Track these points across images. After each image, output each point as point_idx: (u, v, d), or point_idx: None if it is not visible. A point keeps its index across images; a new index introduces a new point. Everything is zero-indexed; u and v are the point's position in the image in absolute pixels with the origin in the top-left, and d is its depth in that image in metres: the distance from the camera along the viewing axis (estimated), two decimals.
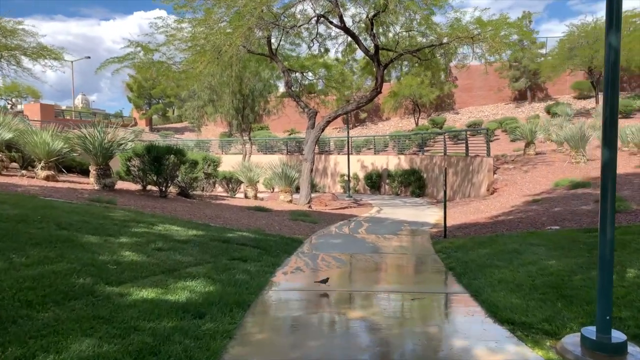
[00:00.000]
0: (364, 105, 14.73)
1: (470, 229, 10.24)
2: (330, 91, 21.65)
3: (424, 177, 21.72)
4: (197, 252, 6.70)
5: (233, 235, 8.27)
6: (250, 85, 21.57)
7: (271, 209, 13.37)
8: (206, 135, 39.71)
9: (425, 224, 11.89)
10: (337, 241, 9.14)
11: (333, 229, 10.91)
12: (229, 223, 10.07)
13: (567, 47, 25.83)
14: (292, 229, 10.42)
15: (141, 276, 5.22)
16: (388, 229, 11.05)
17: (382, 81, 14.26)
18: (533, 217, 10.22)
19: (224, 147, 32.50)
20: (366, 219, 13.07)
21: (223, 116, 22.70)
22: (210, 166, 15.60)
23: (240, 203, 14.26)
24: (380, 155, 25.12)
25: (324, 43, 16.97)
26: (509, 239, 7.92)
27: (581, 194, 12.02)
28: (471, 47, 15.29)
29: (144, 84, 40.83)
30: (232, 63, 17.55)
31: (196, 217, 10.09)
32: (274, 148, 30.42)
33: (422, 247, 8.43)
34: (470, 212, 13.30)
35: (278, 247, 7.85)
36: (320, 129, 14.65)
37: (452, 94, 37.23)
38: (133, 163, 12.85)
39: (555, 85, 33.76)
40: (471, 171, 18.33)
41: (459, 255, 7.06)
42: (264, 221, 10.98)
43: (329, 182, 26.37)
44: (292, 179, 16.12)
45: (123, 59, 16.48)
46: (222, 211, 11.77)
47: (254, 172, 16.58)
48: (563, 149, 19.08)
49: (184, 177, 13.32)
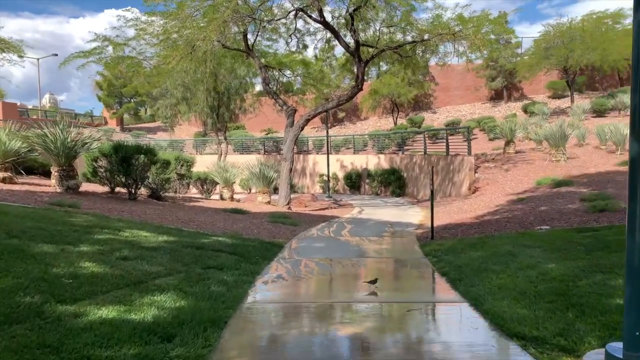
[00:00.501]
0: (345, 102, 14.29)
1: (456, 229, 9.88)
2: (308, 90, 21.14)
3: (404, 177, 21.44)
4: (167, 260, 6.09)
5: (208, 241, 7.66)
6: (226, 82, 20.84)
7: (249, 211, 12.77)
8: (180, 135, 38.63)
9: (409, 225, 11.50)
10: (319, 245, 8.63)
11: (314, 231, 10.40)
12: (204, 227, 9.44)
13: (543, 47, 26.03)
14: (271, 232, 9.86)
15: (101, 291, 4.61)
16: (372, 230, 10.60)
17: (363, 78, 13.84)
18: (520, 217, 9.93)
19: (199, 147, 31.58)
20: (348, 220, 12.60)
21: (197, 115, 21.89)
22: (184, 166, 14.87)
23: (215, 205, 13.60)
24: (360, 154, 24.75)
25: (302, 39, 16.46)
26: (500, 240, 7.56)
27: (565, 193, 11.84)
28: (452, 44, 15.01)
29: (115, 82, 39.39)
30: (207, 59, 16.86)
31: (168, 221, 9.42)
32: (250, 148, 29.71)
33: (410, 250, 8.00)
34: (454, 211, 13.00)
35: (257, 252, 7.29)
36: (300, 127, 14.12)
37: (430, 94, 37.24)
38: (100, 164, 12.06)
39: (530, 85, 34.09)
40: (452, 170, 18.11)
41: (450, 259, 6.64)
42: (241, 224, 10.38)
43: (308, 182, 25.85)
44: (271, 179, 15.53)
45: (89, 53, 15.59)
46: (196, 214, 11.11)
47: (230, 173, 15.92)
48: (542, 147, 19.06)
49: (155, 178, 12.59)
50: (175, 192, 14.92)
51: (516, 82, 34.40)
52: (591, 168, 14.79)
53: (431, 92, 36.67)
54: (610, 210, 8.77)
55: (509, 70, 33.24)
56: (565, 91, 32.67)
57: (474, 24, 14.43)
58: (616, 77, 32.96)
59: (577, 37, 24.48)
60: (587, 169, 14.77)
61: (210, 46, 14.96)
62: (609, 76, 33.62)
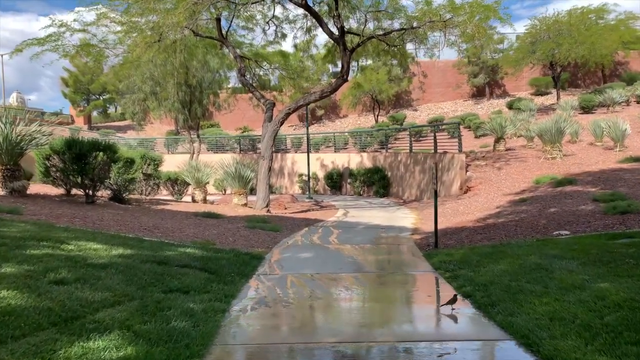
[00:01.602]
0: (328, 94, 13.08)
1: (459, 235, 8.77)
2: (286, 85, 19.80)
3: (388, 176, 20.35)
4: (118, 282, 4.77)
5: (173, 253, 6.31)
6: (199, 75, 19.34)
7: (223, 214, 11.40)
8: (152, 134, 36.67)
9: (403, 229, 10.34)
10: (306, 255, 7.37)
11: (299, 238, 9.13)
12: (170, 235, 8.06)
13: (528, 41, 25.41)
14: (249, 240, 8.55)
15: (14, 335, 3.31)
16: (363, 236, 9.40)
17: (348, 68, 12.65)
18: (529, 220, 8.89)
19: (170, 146, 29.84)
20: (334, 224, 11.37)
21: (167, 111, 20.31)
22: (150, 166, 13.36)
23: (186, 208, 12.18)
24: (341, 153, 23.57)
25: (280, 27, 15.15)
26: (520, 249, 6.45)
27: (571, 193, 10.90)
28: (443, 32, 13.95)
29: (81, 78, 37.07)
30: (176, 48, 15.40)
31: (127, 229, 8.00)
32: (225, 147, 28.17)
33: (414, 262, 6.82)
34: (449, 213, 11.92)
35: (233, 267, 5.99)
36: (279, 122, 12.82)
37: (410, 91, 36.39)
38: (53, 162, 10.50)
39: (513, 82, 33.59)
40: (440, 169, 17.08)
41: (468, 274, 5.48)
42: (215, 231, 9.02)
43: (286, 182, 24.53)
44: (247, 179, 14.18)
45: (44, 40, 13.88)
46: (163, 219, 9.69)
47: (203, 172, 14.49)
48: (533, 144, 18.25)
49: (118, 178, 11.09)
50: (142, 194, 13.42)
51: (498, 78, 33.85)
52: (592, 166, 13.96)
53: (411, 90, 35.82)
54: (634, 212, 7.79)
55: (491, 66, 32.65)
56: (547, 88, 32.27)
57: (466, 11, 13.39)
58: (599, 74, 32.76)
59: (565, 31, 23.90)
60: (588, 166, 13.94)
61: (180, 34, 13.54)
62: (591, 73, 33.40)
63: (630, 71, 32.32)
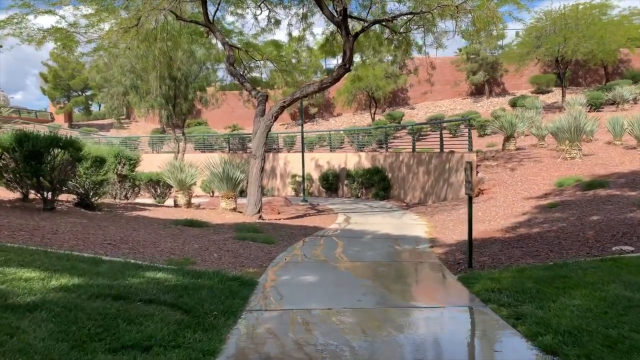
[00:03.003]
0: (329, 85, 11.60)
1: (490, 248, 7.33)
2: (280, 80, 18.25)
3: (388, 177, 18.92)
4: (45, 337, 3.26)
5: (138, 281, 4.78)
6: (184, 68, 17.75)
7: (208, 222, 9.85)
8: (136, 132, 34.87)
9: (419, 240, 8.88)
10: (311, 278, 5.87)
11: (298, 252, 7.62)
12: (140, 251, 6.51)
13: (533, 36, 24.18)
14: (238, 256, 7.02)
15: None
16: (374, 249, 7.92)
17: (351, 55, 11.18)
18: (572, 231, 7.48)
19: (155, 144, 28.14)
20: (337, 234, 9.88)
21: (150, 106, 18.66)
22: (126, 166, 11.75)
23: (166, 214, 10.61)
24: (337, 152, 22.10)
25: (273, 12, 13.64)
26: (587, 273, 5.02)
27: (607, 197, 9.53)
28: (454, 18, 12.52)
29: (61, 74, 35.05)
30: (157, 35, 13.78)
31: (86, 244, 6.43)
32: (213, 146, 26.54)
33: (451, 289, 5.36)
34: (465, 220, 10.45)
35: (216, 301, 4.48)
36: (273, 116, 11.31)
37: (407, 89, 35.05)
38: (5, 161, 8.87)
39: (512, 80, 32.42)
40: (448, 169, 15.70)
41: (536, 313, 4.03)
42: (197, 244, 7.48)
43: (279, 184, 23.00)
44: (237, 181, 12.64)
45: (4, 23, 12.21)
46: (136, 229, 8.12)
47: (187, 173, 12.91)
48: (545, 143, 16.96)
49: (85, 180, 9.49)
50: (115, 198, 11.80)
51: (498, 76, 32.65)
52: (619, 166, 12.65)
53: (408, 87, 34.46)
54: None
55: (491, 63, 31.42)
56: (548, 86, 31.14)
57: None
58: (600, 72, 31.71)
59: (572, 25, 22.69)
60: (614, 167, 12.63)
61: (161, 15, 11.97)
62: (592, 71, 32.35)
63: (632, 69, 31.30)
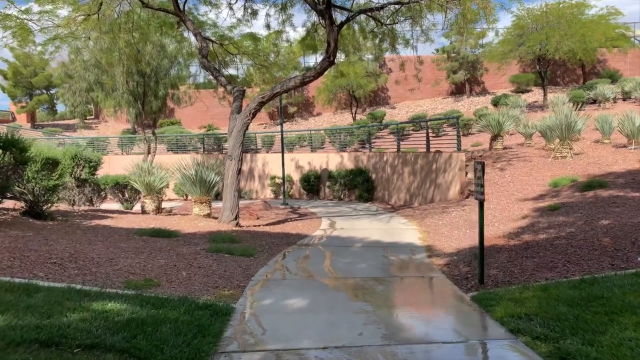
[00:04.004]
0: (311, 80, 10.68)
1: (497, 258, 6.54)
2: (257, 77, 17.22)
3: (372, 179, 18.13)
4: None
5: (79, 317, 3.76)
6: (154, 63, 16.53)
7: (178, 231, 8.80)
8: (105, 133, 33.17)
9: (413, 248, 8.05)
10: (297, 303, 4.93)
11: (281, 267, 6.68)
12: (92, 272, 5.46)
13: (515, 34, 23.81)
14: (211, 273, 6.03)
15: None
16: (367, 261, 7.03)
17: (335, 47, 10.29)
18: (584, 237, 6.76)
19: (125, 146, 26.66)
20: (323, 242, 8.97)
21: (116, 104, 17.34)
22: (85, 168, 10.56)
23: (131, 223, 9.49)
24: (319, 153, 21.18)
25: (250, 1, 12.64)
26: (626, 292, 4.25)
27: (611, 198, 8.90)
28: (444, 10, 11.79)
29: (22, 70, 32.95)
30: (122, 25, 12.66)
31: (24, 265, 5.34)
32: (187, 146, 25.27)
33: (468, 315, 4.51)
34: (462, 225, 9.74)
35: (179, 342, 3.50)
36: (251, 114, 10.32)
37: (386, 88, 34.41)
38: None
39: (492, 79, 32.12)
40: (435, 170, 14.99)
41: (588, 352, 3.20)
42: (163, 259, 6.45)
43: (257, 186, 21.94)
44: (211, 184, 11.60)
45: None
46: (92, 242, 7.03)
47: (156, 176, 11.78)
48: (532, 142, 16.43)
49: (35, 185, 8.31)
50: (74, 205, 10.59)
51: (478, 75, 32.31)
52: (613, 166, 12.13)
53: (388, 87, 33.84)
54: None
55: (471, 62, 31.04)
56: (528, 85, 30.96)
57: None
58: (578, 71, 31.69)
59: (554, 23, 22.37)
60: (608, 166, 12.10)
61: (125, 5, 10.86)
62: (570, 71, 32.35)
63: (609, 69, 31.43)
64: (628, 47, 28.47)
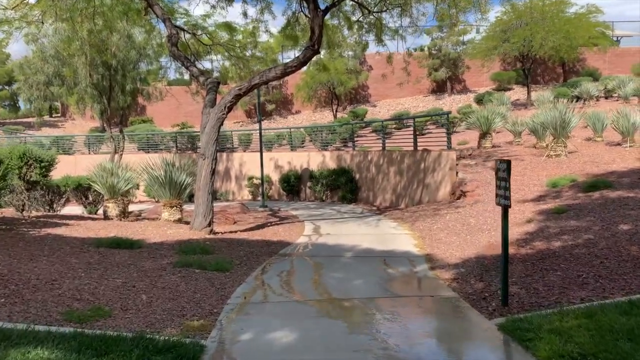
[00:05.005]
0: (294, 70, 9.67)
1: (511, 271, 5.67)
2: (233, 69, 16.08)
3: (356, 179, 17.24)
4: None
5: None
6: (120, 54, 15.23)
7: (143, 240, 7.68)
8: (72, 131, 31.40)
9: (412, 259, 7.15)
10: (285, 338, 3.93)
11: (262, 284, 5.67)
12: (24, 299, 4.34)
13: (499, 29, 23.33)
14: (177, 297, 4.98)
15: None
16: (363, 276, 6.07)
17: (320, 35, 9.31)
18: (607, 246, 5.97)
19: (93, 145, 25.09)
20: (309, 251, 7.99)
21: (79, 99, 15.93)
22: (36, 169, 9.30)
23: (88, 231, 8.31)
24: (299, 152, 20.18)
25: None
26: None
27: (621, 200, 8.20)
28: None
29: None
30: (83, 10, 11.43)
31: None
32: (159, 145, 23.90)
33: (505, 352, 3.59)
34: (460, 229, 8.89)
35: None
36: (226, 107, 9.25)
37: (367, 86, 33.67)
38: None
39: (474, 77, 31.72)
40: (423, 169, 14.17)
41: None
42: (120, 279, 5.36)
43: (234, 187, 20.78)
44: (183, 185, 10.47)
45: None
46: (34, 258, 5.87)
47: (121, 177, 10.58)
48: (522, 140, 15.82)
49: None
50: (23, 211, 9.32)
51: (460, 73, 31.83)
52: (611, 164, 11.53)
53: (369, 84, 33.09)
54: None
55: (453, 59, 30.52)
56: (510, 83, 30.66)
57: None
58: (557, 70, 31.57)
59: (538, 19, 21.94)
60: (607, 165, 11.49)
61: None
62: (550, 69, 32.20)
63: (588, 67, 31.40)
64: (608, 45, 28.37)
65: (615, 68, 32.19)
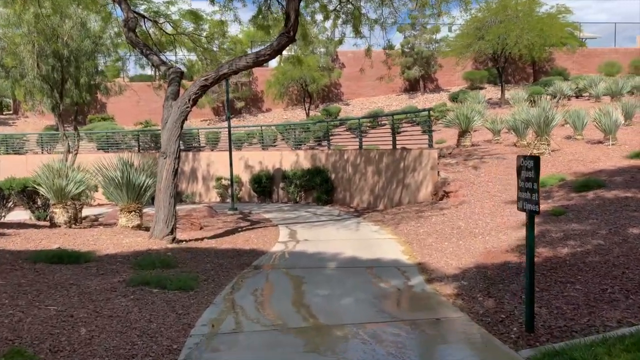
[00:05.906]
0: (267, 59, 8.74)
1: (518, 282, 4.96)
2: (199, 63, 14.98)
3: (332, 179, 16.43)
4: None
5: None
6: (73, 44, 13.88)
7: (93, 252, 6.59)
8: (25, 130, 29.32)
9: (403, 269, 6.35)
10: None
11: (232, 307, 4.74)
12: None
13: (473, 27, 23.04)
14: (125, 329, 3.98)
15: None
16: (351, 293, 5.22)
17: (296, 20, 8.42)
18: (622, 254, 5.35)
19: (47, 144, 23.32)
20: (286, 262, 7.07)
21: (27, 93, 14.46)
22: None
23: (27, 242, 7.13)
24: (271, 151, 19.18)
25: None
26: None
27: (619, 200, 7.69)
28: None
29: None
30: None
31: None
32: (120, 144, 22.40)
33: None
34: (450, 233, 8.19)
35: None
36: (191, 100, 8.23)
37: (339, 84, 32.96)
38: None
39: (446, 76, 31.48)
40: (403, 169, 13.50)
41: None
42: (54, 307, 4.31)
43: (200, 188, 19.59)
44: (142, 187, 9.37)
45: None
46: None
47: (70, 179, 9.37)
48: (501, 138, 15.38)
49: None
50: None
51: (432, 72, 31.54)
52: (597, 163, 11.14)
53: (341, 82, 32.39)
54: None
55: (426, 57, 30.17)
56: (482, 83, 30.56)
57: None
58: (527, 69, 31.73)
59: (513, 16, 21.74)
60: (593, 164, 11.09)
61: None
62: (520, 69, 32.34)
63: (557, 67, 31.70)
64: (577, 46, 28.63)
65: (582, 68, 32.64)
